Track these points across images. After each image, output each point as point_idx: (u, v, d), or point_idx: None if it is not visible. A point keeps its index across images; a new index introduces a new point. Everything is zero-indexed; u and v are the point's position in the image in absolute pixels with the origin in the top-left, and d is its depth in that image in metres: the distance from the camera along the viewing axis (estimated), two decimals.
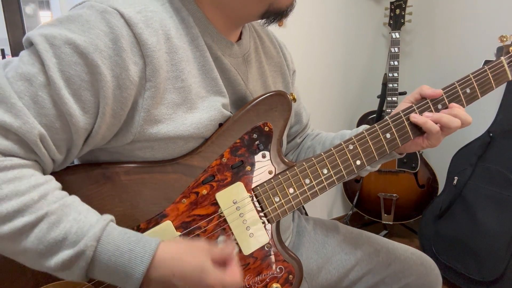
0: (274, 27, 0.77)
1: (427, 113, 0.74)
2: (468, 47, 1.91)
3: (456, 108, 0.74)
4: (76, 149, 0.57)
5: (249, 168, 0.68)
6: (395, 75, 1.90)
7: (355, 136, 0.73)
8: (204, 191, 0.64)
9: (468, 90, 0.77)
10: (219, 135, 0.66)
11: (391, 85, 1.91)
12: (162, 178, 0.62)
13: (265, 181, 0.69)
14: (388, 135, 0.74)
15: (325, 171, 0.71)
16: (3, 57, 1.57)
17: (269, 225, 0.69)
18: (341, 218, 2.28)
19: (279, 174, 0.70)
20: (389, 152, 0.75)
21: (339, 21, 2.09)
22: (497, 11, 1.76)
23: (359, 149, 0.73)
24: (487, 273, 1.47)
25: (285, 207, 0.70)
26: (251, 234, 0.67)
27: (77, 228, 0.50)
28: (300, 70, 0.96)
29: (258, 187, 0.68)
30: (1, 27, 1.45)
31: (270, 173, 0.69)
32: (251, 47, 0.77)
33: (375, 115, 1.99)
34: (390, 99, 1.91)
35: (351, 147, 0.73)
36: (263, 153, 0.69)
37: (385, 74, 1.93)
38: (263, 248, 0.69)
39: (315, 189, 0.71)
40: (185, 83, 0.61)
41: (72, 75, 0.52)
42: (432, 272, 0.88)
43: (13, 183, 0.49)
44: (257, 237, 0.68)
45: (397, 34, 1.93)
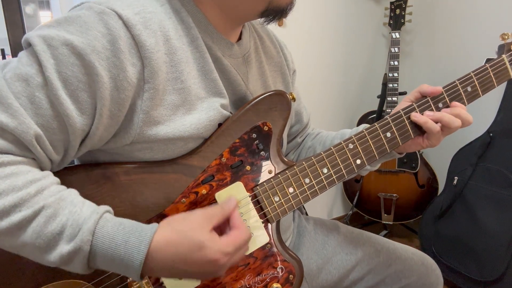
0: (274, 27, 0.77)
1: (428, 112, 0.74)
2: (468, 47, 1.91)
3: (458, 107, 0.74)
4: (73, 150, 0.57)
5: (248, 167, 0.67)
6: (395, 75, 1.90)
7: (355, 135, 0.73)
8: (203, 191, 0.64)
9: (469, 88, 0.77)
10: (219, 135, 0.65)
11: (391, 85, 1.91)
12: (161, 178, 0.62)
13: (264, 180, 0.69)
14: (388, 134, 0.74)
15: (325, 171, 0.71)
16: (3, 57, 1.57)
17: (269, 224, 0.69)
18: (341, 218, 2.27)
19: (278, 173, 0.69)
20: (389, 151, 0.75)
21: (339, 21, 2.09)
22: (497, 11, 1.76)
23: (359, 148, 0.73)
24: (487, 273, 1.47)
25: (285, 206, 0.69)
26: (251, 234, 0.67)
27: (73, 221, 0.50)
28: (300, 70, 0.96)
29: (257, 187, 0.68)
30: (1, 27, 1.45)
31: (269, 172, 0.69)
32: (251, 47, 0.77)
33: (375, 115, 1.99)
34: (390, 99, 1.91)
35: (351, 146, 0.73)
36: (262, 152, 0.69)
37: (385, 74, 1.93)
38: (263, 248, 0.69)
39: (315, 189, 0.71)
40: (185, 84, 0.61)
41: (69, 76, 0.52)
42: (433, 272, 0.88)
43: (10, 178, 0.50)
44: (257, 237, 0.68)
45: (397, 34, 1.93)
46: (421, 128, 0.75)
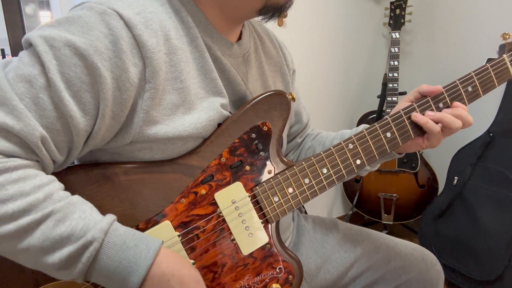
0: (274, 27, 0.77)
1: (428, 112, 0.74)
2: (468, 47, 1.90)
3: (459, 108, 0.73)
4: (76, 150, 0.57)
5: (248, 168, 0.67)
6: (395, 75, 1.90)
7: (355, 135, 0.73)
8: (203, 191, 0.64)
9: (470, 88, 0.77)
10: (218, 135, 0.65)
11: (391, 85, 1.91)
12: (161, 178, 0.62)
13: (264, 181, 0.68)
14: (388, 134, 0.74)
15: (325, 171, 0.71)
16: (3, 57, 1.57)
17: (268, 225, 0.69)
18: (341, 218, 2.27)
19: (278, 173, 0.69)
20: (389, 151, 0.75)
21: (339, 21, 2.09)
22: (497, 11, 1.75)
23: (359, 149, 0.73)
24: (487, 273, 1.47)
25: (284, 207, 0.69)
26: (250, 234, 0.67)
27: (83, 225, 0.51)
28: (300, 70, 0.96)
29: (257, 187, 0.68)
30: (1, 27, 1.45)
31: (269, 172, 0.69)
32: (251, 47, 0.77)
33: (375, 115, 1.99)
34: (390, 99, 1.91)
35: (351, 146, 0.73)
36: (262, 152, 0.69)
37: (385, 74, 1.93)
38: (263, 248, 0.68)
39: (314, 189, 0.71)
40: (184, 84, 0.61)
41: (72, 77, 0.52)
42: (433, 267, 0.87)
43: (18, 183, 0.50)
44: (257, 237, 0.68)
45: (397, 34, 1.93)
46: (422, 128, 0.74)
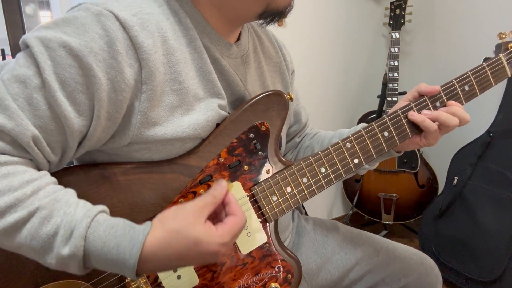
0: (273, 27, 0.77)
1: (425, 111, 0.74)
2: (468, 47, 1.90)
3: (454, 106, 0.74)
4: (71, 151, 0.57)
5: (246, 167, 0.68)
6: (395, 75, 1.90)
7: (353, 134, 0.73)
8: (201, 190, 0.64)
9: (466, 87, 0.77)
10: (216, 135, 0.66)
11: (391, 85, 1.91)
12: (159, 178, 0.62)
13: (262, 180, 0.69)
14: (386, 133, 0.74)
15: (323, 170, 0.71)
16: (3, 57, 1.58)
17: (267, 224, 0.69)
18: (341, 218, 2.27)
19: (276, 173, 0.70)
20: (387, 150, 0.75)
21: (339, 21, 2.09)
22: (497, 11, 1.75)
23: (357, 148, 0.73)
24: (487, 273, 1.47)
25: (283, 206, 0.70)
26: (249, 233, 0.67)
27: (66, 222, 0.50)
28: (300, 70, 0.96)
29: (255, 187, 0.68)
30: (1, 27, 1.45)
31: (267, 172, 0.69)
32: (250, 48, 0.77)
33: (375, 115, 1.99)
34: (390, 99, 1.91)
35: (349, 145, 0.73)
36: (260, 152, 0.69)
37: (385, 74, 1.93)
38: (262, 247, 0.69)
39: (312, 188, 0.71)
40: (183, 85, 0.61)
41: (66, 77, 0.53)
42: (432, 272, 0.88)
43: (7, 178, 0.50)
44: (255, 237, 0.68)
45: (397, 34, 1.93)
46: (419, 127, 0.75)
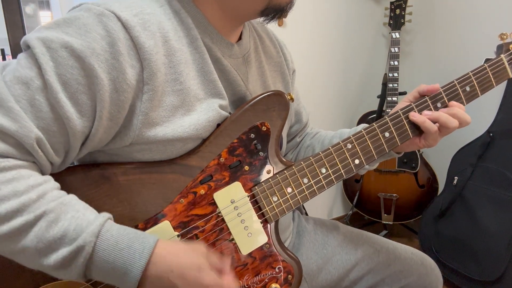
0: (274, 27, 0.77)
1: (426, 112, 0.74)
2: (468, 47, 1.90)
3: (455, 107, 0.74)
4: (73, 152, 0.57)
5: (247, 168, 0.67)
6: (395, 75, 1.90)
7: (354, 135, 0.73)
8: (202, 191, 0.64)
9: (467, 88, 0.77)
10: (217, 135, 0.65)
11: (391, 85, 1.91)
12: (160, 178, 0.62)
13: (263, 180, 0.69)
14: (387, 134, 0.74)
15: (324, 171, 0.71)
16: (3, 57, 1.57)
17: (267, 225, 0.69)
18: (341, 218, 2.27)
19: (277, 173, 0.69)
20: (388, 151, 0.75)
21: (339, 21, 2.09)
22: (497, 11, 1.75)
23: (358, 148, 0.73)
24: (487, 273, 1.47)
25: (283, 206, 0.69)
26: (249, 234, 0.67)
27: (76, 225, 0.51)
28: (300, 70, 0.96)
29: (256, 187, 0.68)
30: (1, 27, 1.45)
31: (268, 172, 0.69)
32: (251, 47, 0.77)
33: (375, 115, 1.99)
34: (390, 99, 1.91)
35: (350, 146, 0.73)
36: (261, 153, 0.69)
37: (385, 74, 1.93)
38: (262, 248, 0.69)
39: (313, 189, 0.71)
40: (184, 85, 0.61)
41: (69, 78, 0.53)
42: (432, 272, 0.88)
43: (12, 183, 0.50)
44: (256, 237, 0.68)
45: (397, 34, 1.93)
46: (420, 128, 0.75)
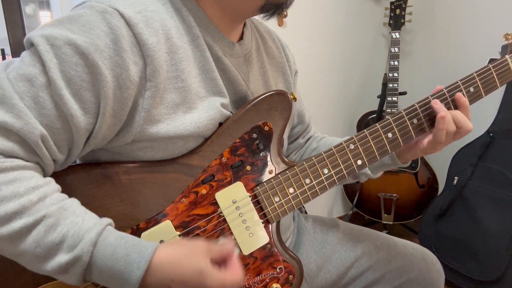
0: (274, 27, 0.77)
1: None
2: (468, 47, 1.90)
3: (457, 111, 0.74)
4: (77, 149, 0.57)
5: (249, 167, 0.67)
6: (395, 75, 1.90)
7: (356, 135, 0.73)
8: (203, 190, 0.64)
9: (471, 89, 0.77)
10: (219, 134, 0.65)
11: (391, 85, 1.91)
12: (161, 177, 0.62)
13: (265, 180, 0.68)
14: (389, 135, 0.74)
15: (326, 171, 0.71)
16: (3, 57, 1.57)
17: (269, 225, 0.69)
18: (341, 218, 2.27)
19: (279, 173, 0.69)
20: (390, 151, 0.75)
21: (339, 21, 2.09)
22: (498, 11, 1.75)
23: (360, 149, 0.73)
24: (487, 273, 1.47)
25: (285, 207, 0.69)
26: (250, 234, 0.67)
27: (74, 231, 0.50)
28: (300, 70, 0.96)
29: (258, 187, 0.68)
30: (1, 27, 1.45)
31: (270, 172, 0.69)
32: (253, 47, 0.77)
33: (375, 115, 1.99)
34: (390, 99, 1.91)
35: (352, 146, 0.73)
36: (263, 152, 0.68)
37: (385, 74, 1.93)
38: (263, 248, 0.68)
39: (315, 189, 0.71)
40: (185, 83, 0.61)
41: (72, 75, 0.52)
42: (433, 267, 0.87)
43: (13, 184, 0.49)
44: (257, 237, 0.68)
45: (397, 34, 1.93)
46: (424, 129, 0.74)
